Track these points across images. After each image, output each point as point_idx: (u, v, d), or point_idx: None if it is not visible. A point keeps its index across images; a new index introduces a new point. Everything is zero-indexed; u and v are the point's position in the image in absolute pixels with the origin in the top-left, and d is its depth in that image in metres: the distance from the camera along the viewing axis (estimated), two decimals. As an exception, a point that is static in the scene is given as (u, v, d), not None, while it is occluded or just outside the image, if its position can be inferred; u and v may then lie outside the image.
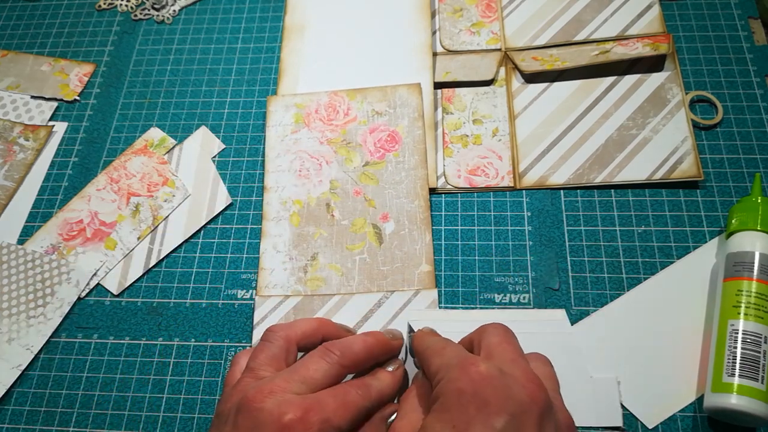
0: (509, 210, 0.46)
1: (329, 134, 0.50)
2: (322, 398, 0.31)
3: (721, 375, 0.36)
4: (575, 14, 0.53)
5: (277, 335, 0.35)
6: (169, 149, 0.51)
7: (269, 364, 0.34)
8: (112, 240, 0.48)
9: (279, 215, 0.47)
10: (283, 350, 0.35)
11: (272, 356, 0.35)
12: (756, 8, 0.53)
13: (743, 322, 0.37)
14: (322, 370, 0.33)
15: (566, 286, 0.43)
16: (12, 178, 0.51)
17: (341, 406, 0.31)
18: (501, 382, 0.29)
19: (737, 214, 0.41)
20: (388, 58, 0.53)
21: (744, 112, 0.48)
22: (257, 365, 0.34)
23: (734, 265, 0.39)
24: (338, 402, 0.31)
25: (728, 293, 0.39)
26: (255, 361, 0.34)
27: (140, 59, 0.57)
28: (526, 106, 0.50)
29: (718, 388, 0.36)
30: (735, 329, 0.37)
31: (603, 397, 0.39)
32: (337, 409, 0.31)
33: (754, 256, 0.39)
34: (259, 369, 0.34)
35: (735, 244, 0.40)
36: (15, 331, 0.44)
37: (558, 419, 0.30)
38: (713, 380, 0.37)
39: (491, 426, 0.28)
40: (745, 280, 0.38)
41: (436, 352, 0.33)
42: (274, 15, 0.58)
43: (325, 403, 0.31)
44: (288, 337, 0.36)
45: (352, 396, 0.32)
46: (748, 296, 0.38)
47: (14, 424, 0.42)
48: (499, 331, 0.34)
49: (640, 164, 0.46)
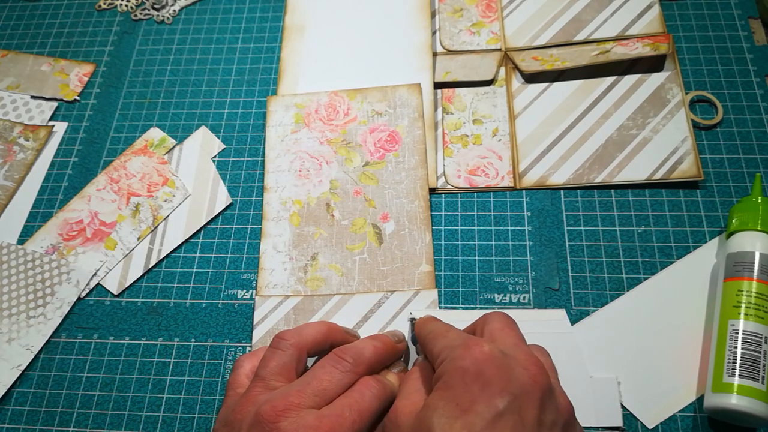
0: (509, 210, 0.46)
1: (329, 134, 0.50)
2: (339, 413, 0.31)
3: (722, 375, 0.36)
4: (575, 14, 0.53)
5: (287, 343, 0.35)
6: (169, 149, 0.51)
7: (280, 373, 0.34)
8: (112, 240, 0.48)
9: (279, 215, 0.47)
10: (294, 359, 0.34)
11: (283, 365, 0.34)
12: (756, 8, 0.53)
13: (743, 322, 0.37)
14: (336, 380, 0.33)
15: (566, 286, 0.43)
16: (12, 178, 0.51)
17: (358, 416, 0.31)
18: (504, 363, 0.30)
19: (737, 214, 0.41)
20: (388, 58, 0.53)
21: (744, 112, 0.48)
22: (268, 374, 0.33)
23: (734, 265, 0.39)
24: (355, 413, 0.31)
25: (728, 293, 0.39)
26: (265, 369, 0.34)
27: (140, 59, 0.57)
28: (526, 106, 0.50)
29: (718, 388, 0.36)
30: (735, 329, 0.37)
31: (603, 397, 0.39)
32: (354, 421, 0.31)
33: (754, 256, 0.39)
34: (270, 379, 0.33)
35: (735, 245, 0.40)
36: (15, 331, 0.44)
37: (558, 403, 0.31)
38: (713, 380, 0.37)
39: (494, 406, 0.28)
40: (745, 280, 0.38)
41: (439, 335, 0.34)
42: (274, 15, 0.58)
43: (343, 418, 0.31)
44: (299, 344, 0.35)
45: (366, 403, 0.32)
46: (748, 296, 0.38)
47: (14, 424, 0.42)
48: (501, 318, 0.34)
49: (640, 164, 0.46)
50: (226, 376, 0.42)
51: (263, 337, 0.43)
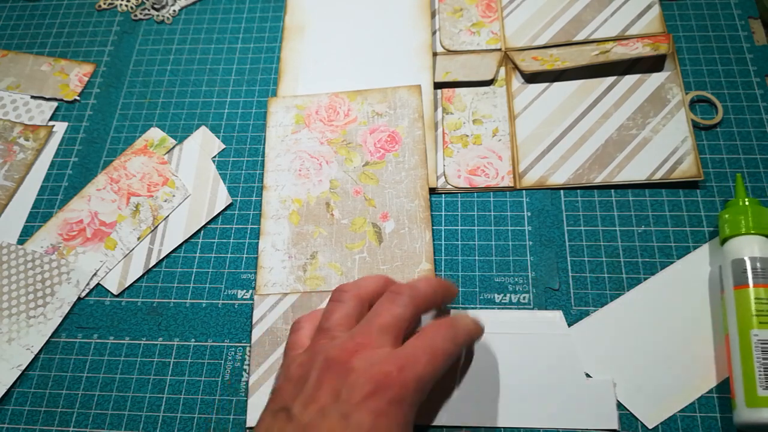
0: (509, 210, 0.46)
1: (329, 135, 0.50)
2: (412, 353, 0.30)
3: (755, 389, 0.35)
4: (575, 14, 0.53)
5: (348, 295, 0.34)
6: (169, 149, 0.51)
7: (343, 324, 0.33)
8: (112, 240, 0.48)
9: (278, 213, 0.47)
10: (356, 310, 0.34)
11: (345, 316, 0.33)
12: (756, 8, 0.53)
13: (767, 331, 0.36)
14: (397, 314, 0.32)
15: (566, 286, 0.43)
16: (12, 178, 0.51)
17: (431, 357, 0.31)
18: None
19: (729, 218, 0.41)
20: (388, 58, 0.53)
21: (744, 112, 0.48)
22: (332, 326, 0.33)
23: (743, 272, 0.38)
24: (428, 353, 0.31)
25: (742, 302, 0.38)
26: (328, 321, 0.33)
27: (140, 59, 0.57)
28: (526, 106, 0.50)
29: (753, 402, 0.35)
30: (760, 339, 0.36)
31: (599, 400, 0.39)
32: (428, 361, 0.30)
33: (765, 262, 0.38)
34: (334, 330, 0.33)
35: (736, 250, 0.39)
36: (15, 331, 0.44)
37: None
38: (746, 395, 0.36)
39: None
40: (761, 288, 0.37)
41: None
42: (274, 15, 0.58)
43: (417, 358, 0.30)
44: (359, 295, 0.34)
45: (439, 344, 0.31)
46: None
47: (14, 424, 0.42)
48: None
49: (640, 164, 0.46)
50: (226, 376, 0.42)
51: (263, 335, 0.43)
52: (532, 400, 0.39)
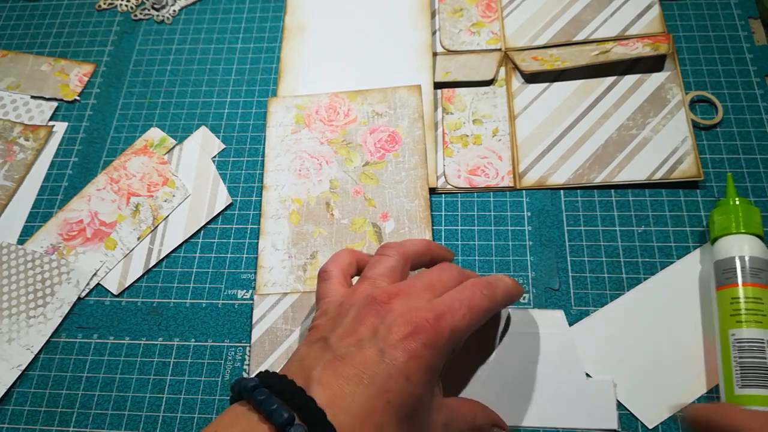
0: (509, 210, 0.46)
1: (329, 135, 0.50)
2: (450, 303, 0.31)
3: (732, 388, 0.36)
4: (575, 14, 0.53)
5: (393, 250, 0.36)
6: (169, 149, 0.51)
7: (387, 276, 0.34)
8: (112, 240, 0.48)
9: (278, 213, 0.47)
10: (400, 264, 0.35)
11: (390, 269, 0.34)
12: (756, 8, 0.53)
13: (743, 330, 0.37)
14: (446, 278, 0.34)
15: (566, 286, 0.43)
16: (12, 178, 0.51)
17: (468, 310, 0.31)
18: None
19: (717, 218, 0.41)
20: (388, 58, 0.53)
21: (744, 112, 0.48)
22: (375, 275, 0.34)
23: (724, 273, 0.39)
24: (465, 307, 0.31)
25: (723, 302, 0.38)
26: (373, 271, 0.34)
27: (140, 59, 0.57)
28: (526, 106, 0.50)
29: (732, 401, 0.36)
30: (736, 338, 0.37)
31: (599, 399, 0.39)
32: (464, 315, 0.31)
33: (743, 261, 0.38)
34: (377, 279, 0.34)
35: (721, 251, 0.40)
36: (15, 331, 0.44)
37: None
38: (726, 395, 0.36)
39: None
40: (737, 287, 0.38)
41: None
42: (274, 15, 0.58)
43: (455, 309, 0.31)
44: (404, 253, 0.36)
45: (477, 300, 0.32)
46: (745, 302, 0.37)
47: (14, 424, 0.42)
48: None
49: (640, 164, 0.46)
50: (226, 376, 0.42)
51: (262, 335, 0.43)
52: (532, 400, 0.39)
